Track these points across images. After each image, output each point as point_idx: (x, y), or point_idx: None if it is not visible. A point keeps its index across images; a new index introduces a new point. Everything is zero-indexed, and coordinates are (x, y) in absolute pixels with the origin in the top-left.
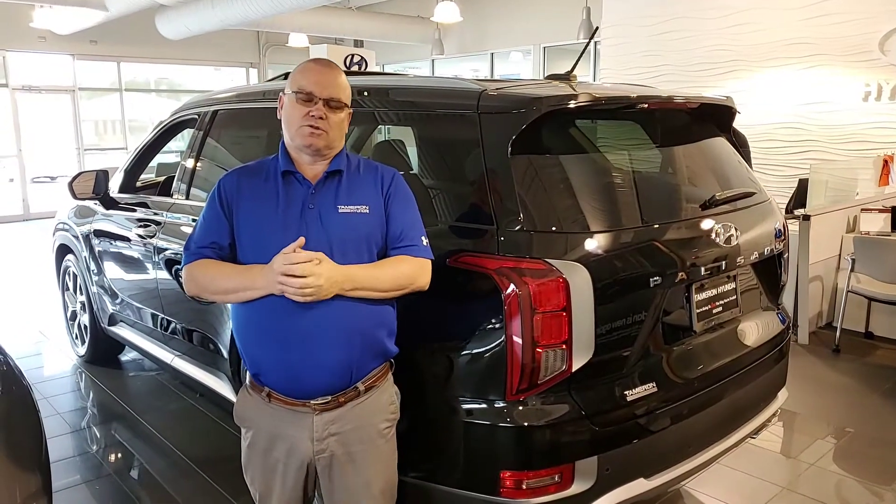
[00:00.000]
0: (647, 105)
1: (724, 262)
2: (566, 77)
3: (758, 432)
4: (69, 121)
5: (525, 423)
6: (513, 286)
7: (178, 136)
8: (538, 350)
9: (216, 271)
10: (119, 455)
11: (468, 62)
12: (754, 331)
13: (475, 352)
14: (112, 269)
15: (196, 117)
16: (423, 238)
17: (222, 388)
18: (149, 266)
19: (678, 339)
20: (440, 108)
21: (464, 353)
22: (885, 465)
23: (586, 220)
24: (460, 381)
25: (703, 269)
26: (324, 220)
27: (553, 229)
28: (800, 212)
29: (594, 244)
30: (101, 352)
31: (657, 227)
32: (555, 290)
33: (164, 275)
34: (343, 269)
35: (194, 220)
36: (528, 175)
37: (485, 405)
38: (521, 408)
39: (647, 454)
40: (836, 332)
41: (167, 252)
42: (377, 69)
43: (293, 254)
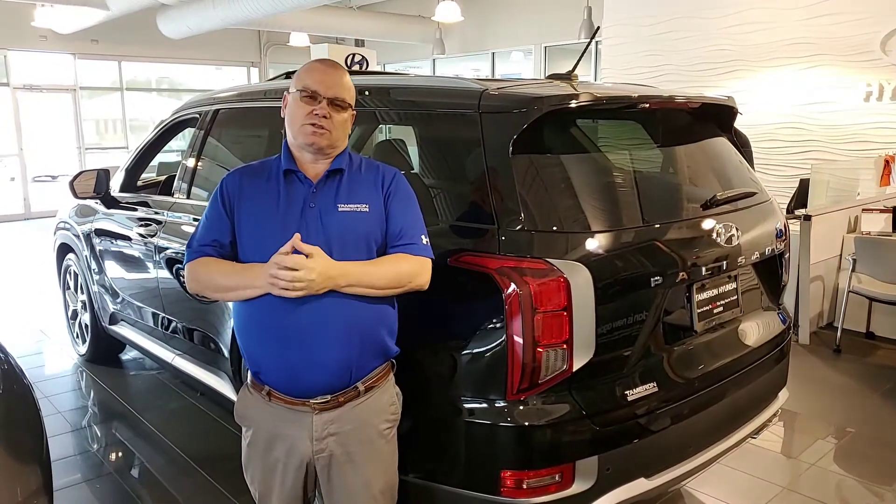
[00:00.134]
0: (648, 105)
1: (725, 262)
2: (567, 77)
3: (758, 432)
4: (70, 120)
5: (526, 423)
6: (514, 286)
7: (179, 135)
8: (539, 350)
9: (216, 269)
10: (120, 454)
11: (469, 62)
12: (755, 331)
13: (476, 351)
14: (113, 269)
15: (197, 116)
16: (424, 237)
17: (223, 387)
18: (150, 265)
19: (679, 339)
20: (441, 107)
21: (464, 352)
22: (885, 466)
23: (587, 220)
24: (461, 380)
25: (704, 268)
26: (324, 218)
27: (554, 229)
28: (801, 212)
29: (595, 244)
30: (102, 351)
31: (658, 226)
32: (556, 289)
33: (164, 274)
34: (338, 264)
35: (195, 220)
36: (530, 175)
37: (485, 405)
38: (521, 407)
39: (648, 454)
40: (836, 332)
41: (168, 251)
42: (378, 69)
43: (287, 247)
